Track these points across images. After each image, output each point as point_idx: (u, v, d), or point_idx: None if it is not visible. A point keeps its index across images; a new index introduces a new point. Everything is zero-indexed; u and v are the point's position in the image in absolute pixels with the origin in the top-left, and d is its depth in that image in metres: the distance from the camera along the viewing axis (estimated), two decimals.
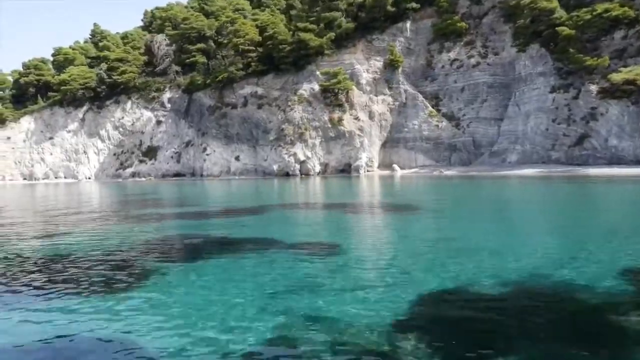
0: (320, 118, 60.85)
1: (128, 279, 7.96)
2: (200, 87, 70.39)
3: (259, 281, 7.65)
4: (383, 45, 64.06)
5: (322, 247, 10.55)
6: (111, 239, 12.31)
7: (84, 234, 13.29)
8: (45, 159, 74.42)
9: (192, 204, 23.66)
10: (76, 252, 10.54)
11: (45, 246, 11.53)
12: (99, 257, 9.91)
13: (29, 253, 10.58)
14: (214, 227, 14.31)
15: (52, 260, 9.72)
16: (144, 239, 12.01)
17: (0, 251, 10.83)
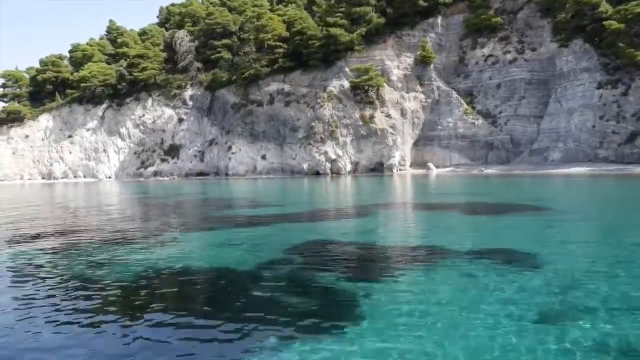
0: (351, 115, 59.27)
1: (340, 305, 6.41)
2: (223, 84, 68.78)
3: (501, 298, 6.19)
4: (414, 41, 62.48)
5: (513, 256, 8.97)
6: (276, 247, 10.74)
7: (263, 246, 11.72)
8: (65, 158, 72.78)
9: (276, 203, 21.90)
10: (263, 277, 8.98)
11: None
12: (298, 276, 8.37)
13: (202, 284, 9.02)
14: (353, 231, 12.69)
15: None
16: (306, 250, 10.44)
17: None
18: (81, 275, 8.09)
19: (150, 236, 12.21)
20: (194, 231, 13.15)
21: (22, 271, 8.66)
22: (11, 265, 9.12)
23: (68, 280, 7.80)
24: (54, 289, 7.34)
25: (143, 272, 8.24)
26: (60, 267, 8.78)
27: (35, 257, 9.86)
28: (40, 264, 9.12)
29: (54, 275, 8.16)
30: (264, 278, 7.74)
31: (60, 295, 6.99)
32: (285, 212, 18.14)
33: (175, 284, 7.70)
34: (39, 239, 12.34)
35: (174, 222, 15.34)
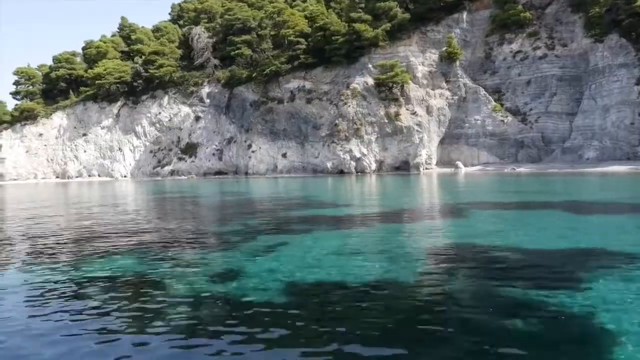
0: (376, 113, 57.92)
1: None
2: (242, 81, 67.41)
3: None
4: (438, 37, 61.17)
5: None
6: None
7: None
8: (79, 157, 71.37)
9: (343, 203, 20.36)
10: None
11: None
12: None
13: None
14: (478, 233, 11.31)
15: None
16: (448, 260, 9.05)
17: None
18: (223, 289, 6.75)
19: (248, 240, 10.84)
20: (296, 235, 11.76)
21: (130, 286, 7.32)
22: (102, 276, 7.77)
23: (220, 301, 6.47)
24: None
25: (272, 285, 6.88)
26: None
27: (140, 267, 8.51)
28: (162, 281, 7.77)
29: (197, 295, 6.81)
30: (444, 295, 6.08)
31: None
32: (367, 212, 16.75)
33: (313, 302, 6.14)
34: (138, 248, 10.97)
35: (259, 224, 13.96)
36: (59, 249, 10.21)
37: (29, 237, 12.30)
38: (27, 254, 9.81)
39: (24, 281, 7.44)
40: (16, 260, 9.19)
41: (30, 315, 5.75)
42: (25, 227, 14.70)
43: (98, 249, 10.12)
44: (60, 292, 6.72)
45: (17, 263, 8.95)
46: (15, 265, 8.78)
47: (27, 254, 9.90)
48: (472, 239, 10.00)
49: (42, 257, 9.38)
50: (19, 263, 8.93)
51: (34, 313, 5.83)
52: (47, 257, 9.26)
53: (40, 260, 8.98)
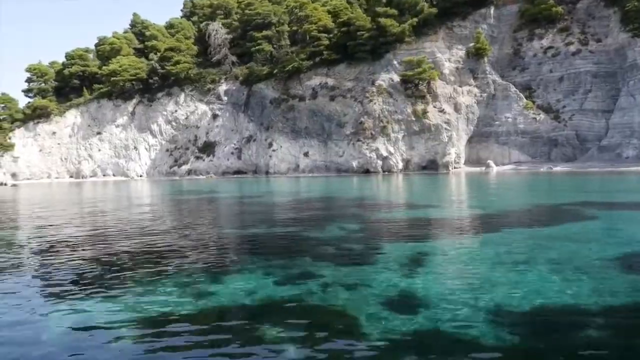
0: (403, 110, 56.29)
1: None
2: (261, 78, 65.72)
3: None
4: (465, 32, 59.58)
5: None
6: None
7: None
8: (93, 156, 69.66)
9: (431, 203, 18.81)
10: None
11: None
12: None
13: None
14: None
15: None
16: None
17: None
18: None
19: (372, 250, 9.18)
20: (421, 243, 10.09)
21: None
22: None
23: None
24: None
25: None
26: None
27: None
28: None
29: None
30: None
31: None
32: (470, 213, 15.10)
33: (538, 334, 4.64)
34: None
35: (362, 229, 12.27)
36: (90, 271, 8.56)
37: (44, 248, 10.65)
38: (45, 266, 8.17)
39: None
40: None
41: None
42: (41, 235, 13.04)
43: (167, 273, 8.41)
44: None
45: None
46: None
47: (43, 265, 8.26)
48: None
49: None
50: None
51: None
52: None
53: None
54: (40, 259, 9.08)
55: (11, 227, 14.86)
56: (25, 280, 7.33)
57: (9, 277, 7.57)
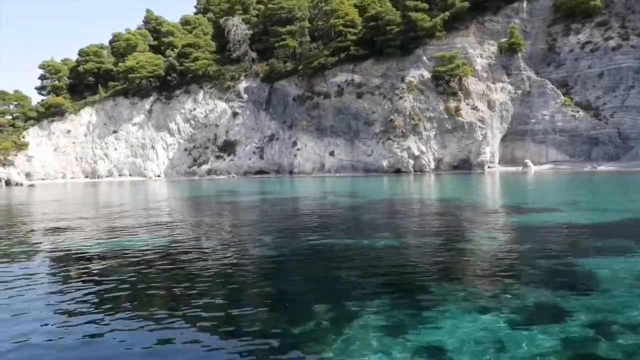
0: (435, 108, 54.28)
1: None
2: (283, 75, 63.70)
3: None
4: (497, 27, 57.57)
5: None
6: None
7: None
8: (109, 155, 67.53)
9: (544, 206, 16.80)
10: None
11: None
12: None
13: None
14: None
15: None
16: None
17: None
18: None
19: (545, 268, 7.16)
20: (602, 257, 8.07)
21: None
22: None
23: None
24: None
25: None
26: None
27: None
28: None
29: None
30: None
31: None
32: (604, 218, 13.06)
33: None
34: None
35: (509, 242, 10.24)
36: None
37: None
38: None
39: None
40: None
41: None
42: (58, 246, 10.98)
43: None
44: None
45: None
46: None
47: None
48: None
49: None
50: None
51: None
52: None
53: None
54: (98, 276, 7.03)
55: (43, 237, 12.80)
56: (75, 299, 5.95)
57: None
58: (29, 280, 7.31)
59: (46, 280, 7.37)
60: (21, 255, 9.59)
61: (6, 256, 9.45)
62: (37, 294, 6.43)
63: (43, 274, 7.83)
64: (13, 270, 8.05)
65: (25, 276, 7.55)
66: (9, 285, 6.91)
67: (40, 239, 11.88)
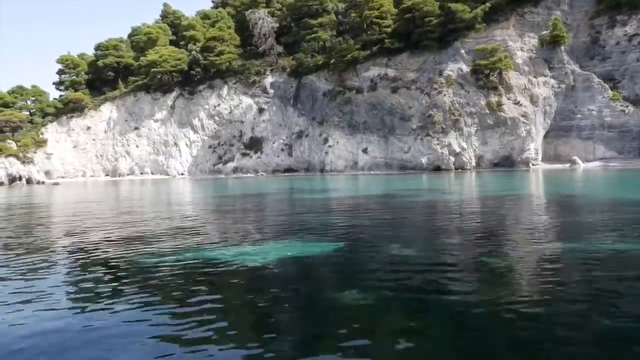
0: (476, 103, 52.11)
1: None
2: (311, 70, 61.48)
3: None
4: (537, 19, 55.39)
5: None
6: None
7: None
8: (131, 152, 65.22)
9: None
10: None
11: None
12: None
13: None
14: None
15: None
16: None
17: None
18: None
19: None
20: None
21: None
22: None
23: None
24: None
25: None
26: None
27: None
28: None
29: None
30: None
31: None
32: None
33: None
34: None
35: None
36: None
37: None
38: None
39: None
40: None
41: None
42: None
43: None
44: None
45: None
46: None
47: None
48: None
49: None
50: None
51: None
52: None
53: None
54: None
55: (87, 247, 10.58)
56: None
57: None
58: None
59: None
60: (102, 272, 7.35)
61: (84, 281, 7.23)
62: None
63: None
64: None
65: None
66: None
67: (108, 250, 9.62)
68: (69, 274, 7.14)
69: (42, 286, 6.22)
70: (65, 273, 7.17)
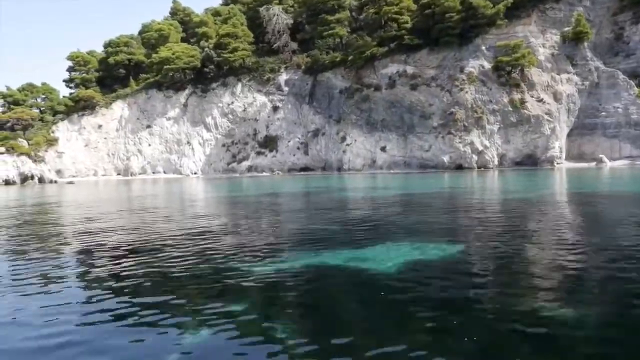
0: (499, 100, 51.13)
1: None
2: (327, 67, 60.44)
3: None
4: (559, 15, 54.52)
5: None
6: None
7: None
8: (143, 151, 64.06)
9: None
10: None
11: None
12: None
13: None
14: None
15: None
16: None
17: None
18: None
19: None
20: None
21: None
22: None
23: None
24: None
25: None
26: None
27: None
28: None
29: None
30: None
31: None
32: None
33: None
34: None
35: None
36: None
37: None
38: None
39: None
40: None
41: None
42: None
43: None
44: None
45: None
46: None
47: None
48: None
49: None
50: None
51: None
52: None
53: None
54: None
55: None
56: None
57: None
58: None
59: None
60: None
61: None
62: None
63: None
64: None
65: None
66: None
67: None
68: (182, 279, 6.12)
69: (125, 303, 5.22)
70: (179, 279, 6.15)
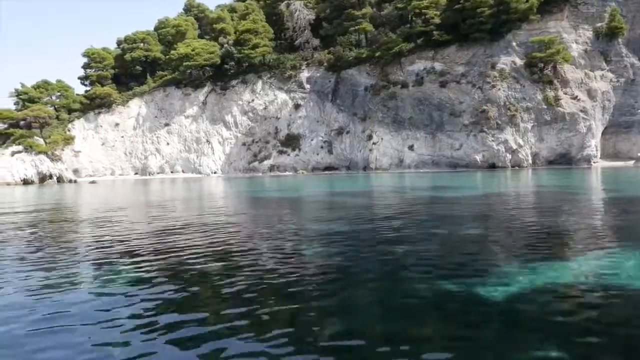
0: (532, 97, 49.80)
1: None
2: (351, 64, 59.01)
3: None
4: (591, 11, 53.21)
5: None
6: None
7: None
8: (161, 150, 62.51)
9: None
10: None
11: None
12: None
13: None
14: None
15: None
16: None
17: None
18: None
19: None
20: None
21: None
22: None
23: None
24: None
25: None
26: None
27: None
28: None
29: None
30: None
31: None
32: None
33: None
34: None
35: None
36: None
37: None
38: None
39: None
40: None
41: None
42: None
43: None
44: None
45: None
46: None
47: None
48: None
49: None
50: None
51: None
52: None
53: None
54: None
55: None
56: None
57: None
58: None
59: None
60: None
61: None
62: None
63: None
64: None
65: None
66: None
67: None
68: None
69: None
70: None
